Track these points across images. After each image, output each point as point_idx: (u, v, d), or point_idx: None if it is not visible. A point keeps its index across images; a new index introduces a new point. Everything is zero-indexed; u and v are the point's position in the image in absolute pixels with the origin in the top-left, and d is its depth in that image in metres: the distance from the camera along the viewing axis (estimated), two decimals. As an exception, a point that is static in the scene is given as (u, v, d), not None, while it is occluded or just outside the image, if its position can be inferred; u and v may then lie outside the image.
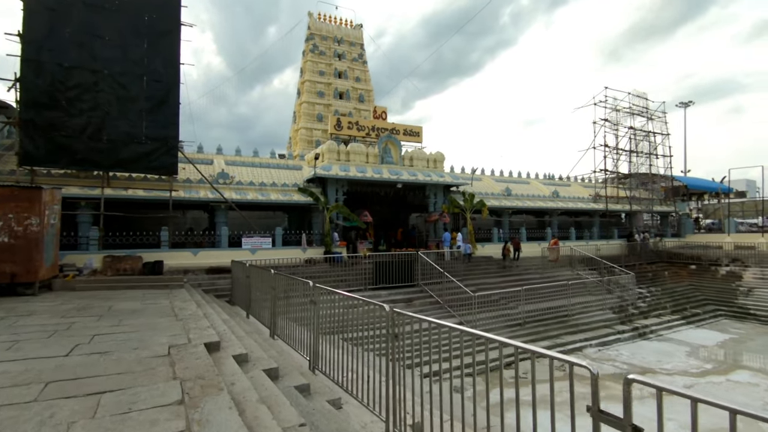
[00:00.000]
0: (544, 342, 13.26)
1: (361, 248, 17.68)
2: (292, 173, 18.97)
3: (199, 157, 18.01)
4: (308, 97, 24.79)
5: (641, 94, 27.15)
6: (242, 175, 17.52)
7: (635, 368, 11.80)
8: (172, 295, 9.23)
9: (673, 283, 20.96)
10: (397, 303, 13.70)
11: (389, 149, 19.76)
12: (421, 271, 15.19)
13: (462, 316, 13.36)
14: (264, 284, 8.43)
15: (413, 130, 21.22)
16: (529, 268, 19.62)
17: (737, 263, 21.77)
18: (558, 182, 27.47)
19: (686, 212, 28.56)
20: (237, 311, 10.28)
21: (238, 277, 10.64)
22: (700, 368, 11.79)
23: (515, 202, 22.59)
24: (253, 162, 18.87)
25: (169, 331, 5.61)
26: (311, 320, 5.88)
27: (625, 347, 13.81)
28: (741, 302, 18.65)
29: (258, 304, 8.71)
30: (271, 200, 16.61)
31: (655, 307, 17.68)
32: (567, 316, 15.07)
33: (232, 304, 11.54)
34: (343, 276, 14.44)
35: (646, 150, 27.19)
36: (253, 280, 9.14)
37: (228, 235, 15.45)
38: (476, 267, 18.13)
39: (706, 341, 14.71)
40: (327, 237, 16.42)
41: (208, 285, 12.89)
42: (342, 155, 18.59)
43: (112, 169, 13.72)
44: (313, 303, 5.99)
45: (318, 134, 24.50)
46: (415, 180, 19.19)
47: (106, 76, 13.14)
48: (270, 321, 7.63)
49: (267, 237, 15.84)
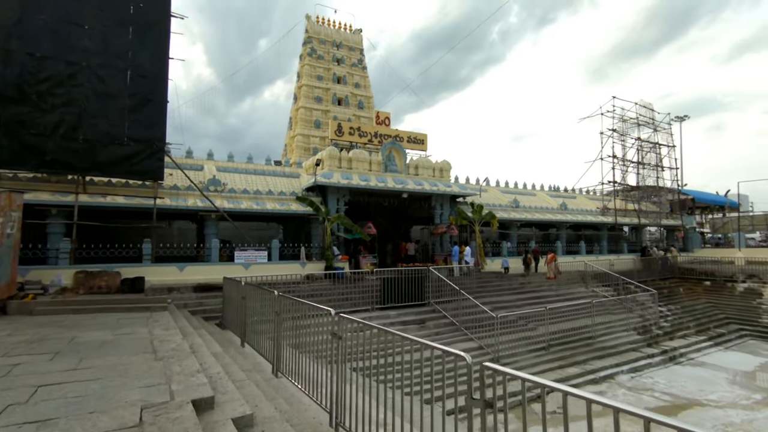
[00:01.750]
0: (573, 368, 11.92)
1: (365, 263, 16.26)
2: (290, 181, 17.58)
3: (188, 162, 16.54)
4: (305, 102, 23.54)
5: (647, 105, 26.53)
6: (235, 183, 16.07)
7: (679, 399, 10.52)
8: (153, 321, 7.70)
9: (691, 300, 19.88)
10: (408, 324, 12.29)
11: (393, 157, 18.53)
12: (431, 288, 13.83)
13: (481, 340, 11.98)
14: (264, 307, 7.02)
15: (417, 138, 20.07)
16: (542, 284, 18.36)
17: (754, 279, 20.82)
18: (564, 194, 26.51)
19: (693, 226, 27.81)
20: (229, 337, 8.77)
21: (231, 296, 9.16)
22: (750, 399, 10.55)
23: (524, 215, 21.46)
24: (247, 169, 17.45)
25: (144, 379, 4.15)
26: (330, 355, 4.50)
27: (658, 374, 12.54)
28: (766, 321, 17.60)
29: (256, 331, 7.24)
30: (267, 210, 15.16)
31: (678, 327, 16.51)
32: (591, 338, 13.78)
33: (222, 327, 10.02)
34: (347, 294, 13.00)
35: (653, 162, 26.45)
36: (250, 301, 7.70)
37: (219, 248, 13.93)
38: (488, 283, 16.81)
39: (742, 366, 13.53)
40: (328, 251, 14.99)
41: (196, 305, 11.33)
42: (344, 162, 17.29)
43: (88, 173, 12.19)
44: (336, 337, 4.62)
45: (316, 141, 23.20)
46: (422, 190, 17.94)
47: (83, 68, 11.71)
48: (273, 354, 6.19)
49: (262, 250, 14.34)
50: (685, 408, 9.92)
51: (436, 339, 11.91)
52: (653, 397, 10.62)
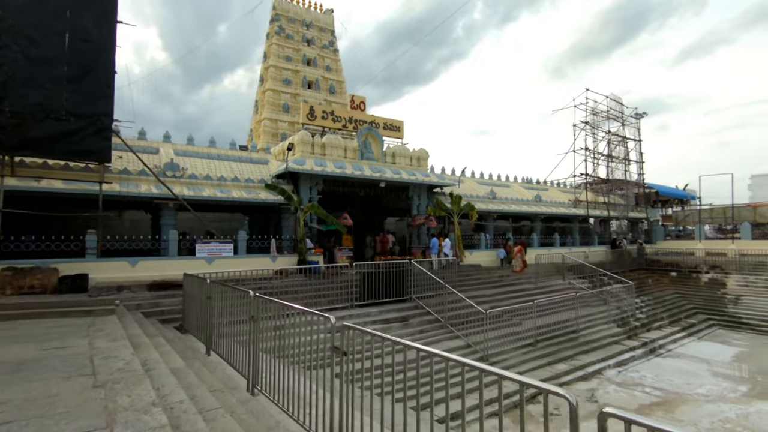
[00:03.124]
0: (562, 365, 11.47)
1: (340, 256, 15.17)
2: (257, 168, 16.12)
3: (141, 144, 14.73)
4: (273, 84, 21.92)
5: (617, 98, 26.84)
6: (196, 168, 14.47)
7: (670, 394, 10.25)
8: (96, 329, 6.33)
9: (660, 291, 20.23)
10: (391, 323, 11.38)
11: (369, 144, 17.47)
12: (413, 282, 12.99)
13: (468, 337, 11.28)
14: (235, 308, 5.90)
15: (394, 125, 19.08)
16: (521, 277, 18.00)
17: (717, 270, 21.51)
18: (537, 186, 26.44)
19: (657, 219, 28.61)
20: (192, 344, 7.51)
21: (194, 295, 7.86)
22: (737, 392, 10.45)
23: (501, 206, 21.05)
24: (210, 153, 15.83)
25: (75, 420, 2.96)
26: (328, 374, 3.52)
27: (644, 367, 12.35)
28: (731, 311, 18.10)
29: (225, 335, 6.08)
30: (233, 198, 13.72)
31: (653, 319, 16.61)
32: (575, 331, 13.44)
33: (183, 331, 8.70)
34: (324, 290, 11.91)
35: (621, 155, 26.86)
36: (217, 302, 6.51)
37: (178, 240, 12.40)
38: (467, 277, 16.18)
39: (719, 356, 13.65)
40: (301, 243, 13.77)
41: (151, 306, 9.87)
42: (317, 148, 16.04)
43: (18, 152, 10.34)
44: (339, 353, 3.63)
45: (284, 127, 21.68)
46: (400, 179, 17.01)
47: (10, 27, 9.82)
48: (248, 367, 5.09)
49: (227, 243, 12.94)
50: (679, 404, 9.63)
51: (420, 337, 11.10)
52: (644, 393, 10.31)
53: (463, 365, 2.67)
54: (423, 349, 3.11)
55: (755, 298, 18.40)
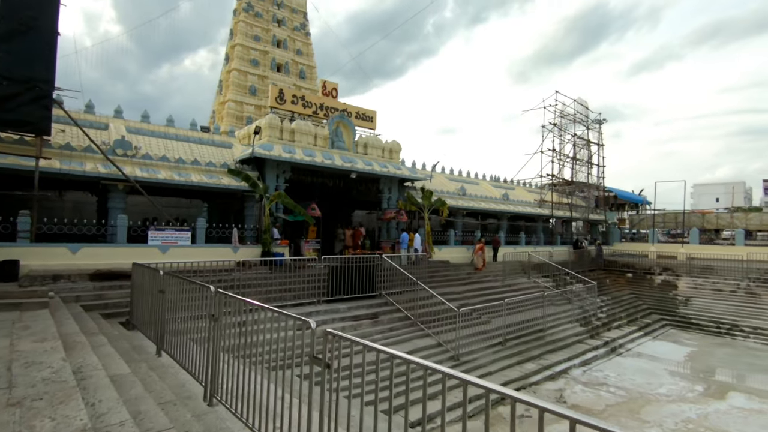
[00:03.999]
0: (531, 364, 11.40)
1: (307, 249, 14.45)
2: (220, 151, 15.04)
3: (89, 118, 13.29)
4: (239, 64, 20.63)
5: (583, 102, 27.49)
6: (151, 148, 13.24)
7: (633, 394, 10.40)
8: (22, 326, 5.39)
9: (617, 291, 20.91)
10: (360, 320, 10.87)
11: (341, 132, 16.76)
12: (383, 278, 12.54)
13: (438, 336, 10.96)
14: (193, 304, 5.22)
15: (366, 114, 18.45)
16: (488, 275, 18.00)
17: (669, 272, 22.53)
18: (504, 185, 26.68)
19: (614, 221, 29.75)
20: (140, 343, 6.66)
21: (144, 288, 7.00)
22: (693, 391, 10.76)
23: (470, 203, 20.98)
24: (167, 133, 14.57)
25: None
26: (305, 387, 2.98)
27: (607, 366, 12.55)
28: (682, 312, 18.95)
29: (180, 335, 5.34)
30: (192, 182, 12.65)
31: (613, 318, 17.08)
32: (542, 330, 13.50)
33: (130, 327, 7.80)
34: (289, 284, 11.20)
35: (585, 158, 27.59)
36: (171, 296, 5.76)
37: (127, 226, 11.26)
38: (436, 273, 15.93)
39: (673, 355, 14.15)
40: (266, 234, 12.94)
41: (92, 298, 8.83)
42: (285, 134, 15.16)
43: (-66, 118, 8.92)
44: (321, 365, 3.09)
45: (250, 110, 20.49)
46: (371, 170, 16.43)
47: (-73, -31, 8.38)
48: (205, 372, 4.43)
49: (184, 231, 11.91)
50: (644, 404, 9.75)
51: (390, 335, 10.67)
52: (610, 393, 10.39)
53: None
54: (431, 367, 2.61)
55: (703, 300, 19.37)
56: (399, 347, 10.21)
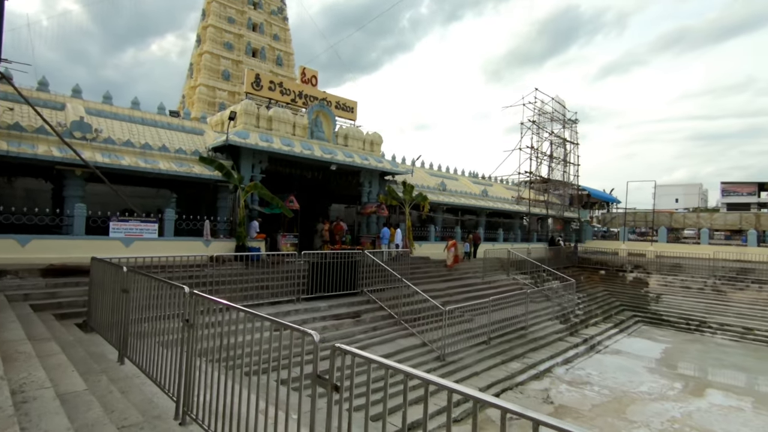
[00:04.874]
0: (516, 363, 11.21)
1: (284, 243, 13.74)
2: (191, 138, 14.04)
3: (42, 96, 12.05)
4: (212, 46, 19.46)
5: (561, 101, 27.74)
6: (114, 131, 12.16)
7: (616, 392, 10.36)
8: (-48, 332, 4.56)
9: (592, 288, 21.20)
10: (342, 318, 10.33)
11: (321, 122, 16.05)
12: (365, 275, 12.03)
13: (423, 335, 10.57)
14: (163, 302, 4.59)
15: (347, 105, 17.78)
16: (468, 271, 17.80)
17: (640, 270, 23.07)
18: (483, 181, 26.61)
19: (587, 219, 30.32)
20: (99, 350, 5.91)
21: (105, 285, 6.22)
22: (674, 389, 10.85)
23: (451, 198, 20.71)
24: (132, 116, 13.45)
25: None
26: (312, 408, 2.45)
27: (588, 364, 12.54)
28: (653, 309, 19.41)
29: (146, 337, 4.68)
30: (160, 170, 11.68)
31: (590, 315, 17.24)
32: (524, 328, 13.37)
33: (87, 329, 6.99)
34: (266, 281, 10.51)
35: (561, 156, 27.90)
36: (137, 297, 5.09)
37: (86, 216, 10.24)
38: (417, 269, 15.54)
39: (650, 353, 14.36)
40: (241, 227, 12.15)
41: (44, 297, 7.89)
42: (262, 121, 14.33)
43: None
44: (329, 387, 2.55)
45: (223, 96, 19.41)
46: (352, 162, 15.83)
47: None
48: (178, 385, 3.83)
49: (151, 222, 10.98)
50: (629, 403, 9.71)
51: (374, 335, 10.20)
52: (594, 392, 10.31)
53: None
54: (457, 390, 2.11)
55: (673, 297, 19.91)
56: (383, 347, 9.76)
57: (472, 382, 9.59)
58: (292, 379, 2.95)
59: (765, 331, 16.19)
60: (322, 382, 2.60)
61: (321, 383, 2.60)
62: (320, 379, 2.61)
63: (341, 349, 2.51)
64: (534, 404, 9.35)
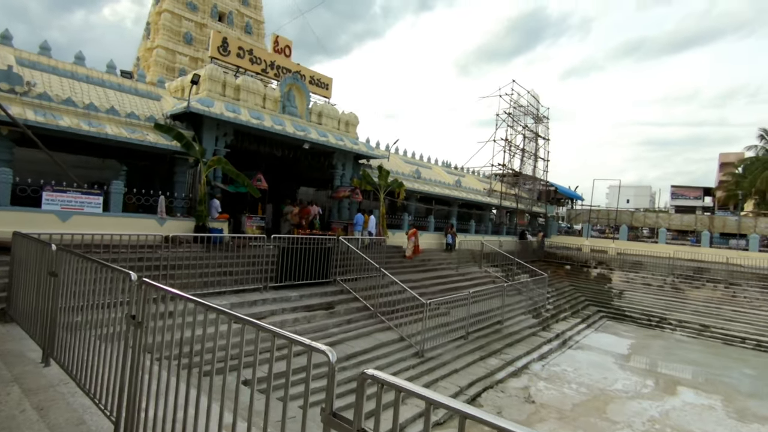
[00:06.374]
0: (494, 360, 10.78)
1: (249, 226, 12.55)
2: (145, 102, 12.45)
3: (-40, 40, 10.13)
4: (173, 5, 17.52)
5: (536, 95, 27.70)
6: (52, 87, 10.44)
7: (593, 390, 10.18)
8: None
9: (558, 283, 21.36)
10: (314, 310, 9.43)
11: (294, 96, 14.82)
12: (338, 263, 11.15)
13: (401, 329, 9.87)
14: (103, 297, 3.61)
15: (322, 81, 16.58)
16: (442, 262, 17.31)
17: (603, 266, 23.57)
18: (456, 171, 26.19)
19: (554, 215, 30.77)
20: (17, 345, 4.76)
21: (29, 266, 5.04)
22: (647, 386, 10.82)
23: (425, 187, 20.07)
24: (76, 73, 11.68)
25: None
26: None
27: (562, 360, 12.38)
28: (616, 304, 19.80)
29: (79, 330, 3.63)
30: (107, 135, 10.14)
31: (559, 310, 17.26)
32: (500, 323, 13.02)
33: (5, 319, 5.74)
34: (229, 266, 9.43)
35: (532, 151, 27.96)
36: (68, 282, 4.03)
37: (12, 182, 8.66)
38: (391, 259, 14.79)
39: (617, 348, 14.49)
40: (201, 205, 10.87)
41: (-48, 277, 6.45)
42: (229, 90, 12.95)
43: None
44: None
45: (184, 61, 17.59)
46: (326, 142, 14.76)
47: None
48: (116, 399, 2.86)
49: (95, 195, 9.51)
50: (607, 402, 9.51)
51: (348, 328, 9.38)
52: (572, 390, 10.07)
53: None
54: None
55: (635, 293, 20.41)
56: (360, 342, 8.97)
57: (453, 380, 9.03)
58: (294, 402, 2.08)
59: (720, 328, 16.80)
60: (339, 424, 1.74)
61: (338, 427, 1.74)
62: (337, 419, 1.75)
63: (373, 377, 1.66)
64: (516, 404, 8.92)
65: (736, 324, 16.86)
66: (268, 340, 2.08)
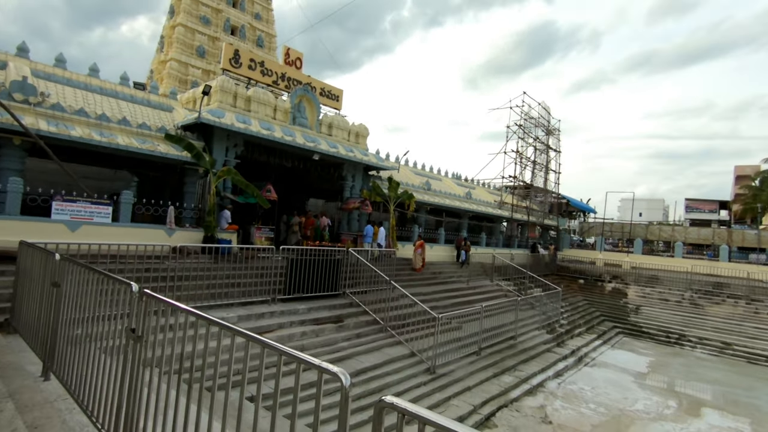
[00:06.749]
0: (508, 377, 10.39)
1: (258, 237, 12.43)
2: (157, 114, 12.51)
3: (-22, 52, 10.30)
4: (186, 19, 17.81)
5: (546, 107, 27.52)
6: (65, 98, 10.53)
7: (612, 410, 9.72)
8: None
9: (572, 297, 20.84)
10: (323, 323, 9.19)
11: (304, 108, 14.81)
12: (348, 275, 10.93)
13: (411, 343, 9.58)
14: (104, 308, 3.45)
15: (332, 92, 16.60)
16: (452, 275, 16.99)
17: (618, 280, 22.98)
18: (466, 183, 25.96)
19: (566, 227, 30.30)
20: (17, 358, 4.61)
21: (33, 276, 4.92)
22: (669, 407, 10.31)
23: (435, 198, 19.87)
24: (89, 84, 11.79)
25: None
26: None
27: (579, 378, 11.90)
28: (633, 320, 19.20)
29: (79, 344, 3.47)
30: (118, 145, 10.16)
31: (574, 325, 16.75)
32: (513, 338, 12.63)
33: (8, 330, 5.62)
34: (237, 278, 9.26)
35: (544, 163, 27.68)
36: (71, 293, 3.89)
37: (22, 192, 8.65)
38: (401, 272, 14.55)
39: (635, 366, 13.94)
40: (210, 216, 10.78)
41: (-43, 287, 6.37)
42: (240, 101, 12.98)
43: None
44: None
45: (197, 74, 17.78)
46: (336, 153, 14.68)
47: None
48: (116, 417, 2.65)
49: (104, 204, 9.47)
50: (628, 424, 9.05)
51: (357, 342, 9.12)
52: (590, 410, 9.61)
53: None
54: None
55: (652, 309, 19.80)
56: (369, 357, 8.69)
57: (466, 398, 8.67)
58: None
59: (743, 346, 16.15)
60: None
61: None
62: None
63: (397, 407, 1.44)
64: (533, 424, 8.52)
65: (760, 342, 16.19)
66: (274, 355, 1.88)
